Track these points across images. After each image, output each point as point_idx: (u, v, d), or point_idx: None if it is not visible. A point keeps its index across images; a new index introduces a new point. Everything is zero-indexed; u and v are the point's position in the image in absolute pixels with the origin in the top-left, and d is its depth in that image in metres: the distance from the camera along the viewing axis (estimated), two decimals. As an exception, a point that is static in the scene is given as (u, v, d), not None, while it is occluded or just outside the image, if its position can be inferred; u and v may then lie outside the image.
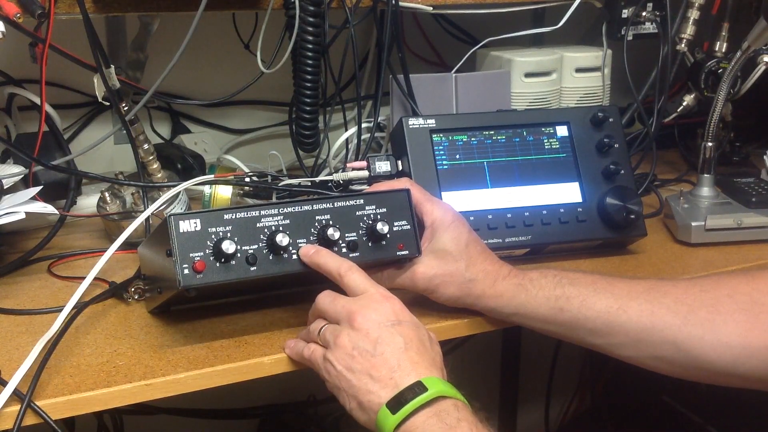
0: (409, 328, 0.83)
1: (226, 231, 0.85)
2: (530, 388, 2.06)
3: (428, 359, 0.82)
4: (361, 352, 0.81)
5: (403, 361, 0.80)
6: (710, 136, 1.27)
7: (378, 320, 0.82)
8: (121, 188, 1.20)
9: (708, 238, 1.21)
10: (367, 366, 0.80)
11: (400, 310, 0.84)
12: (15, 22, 0.98)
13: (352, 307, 0.84)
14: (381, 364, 0.80)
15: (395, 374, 0.80)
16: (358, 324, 0.82)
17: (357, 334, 0.82)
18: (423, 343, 0.83)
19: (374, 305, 0.84)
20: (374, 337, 0.81)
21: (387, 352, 0.81)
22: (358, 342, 0.82)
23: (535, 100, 1.41)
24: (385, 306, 0.84)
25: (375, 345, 0.81)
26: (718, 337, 0.86)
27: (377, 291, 0.85)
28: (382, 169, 1.14)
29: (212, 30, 1.45)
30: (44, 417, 0.79)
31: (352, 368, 0.81)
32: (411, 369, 0.80)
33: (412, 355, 0.81)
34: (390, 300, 0.85)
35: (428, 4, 1.33)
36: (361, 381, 0.81)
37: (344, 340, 0.82)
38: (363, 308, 0.83)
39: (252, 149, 1.63)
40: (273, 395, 1.72)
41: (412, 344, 0.82)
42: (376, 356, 0.80)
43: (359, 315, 0.83)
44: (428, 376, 0.80)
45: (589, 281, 0.92)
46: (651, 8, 1.44)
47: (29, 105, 1.31)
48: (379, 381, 0.80)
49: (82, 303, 0.96)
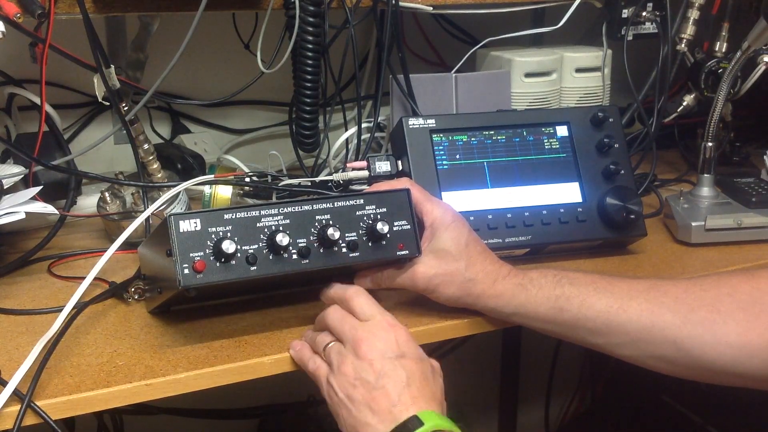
0: (413, 361, 0.84)
1: (226, 231, 0.85)
2: (530, 388, 2.06)
3: (429, 394, 0.83)
4: (363, 383, 0.82)
5: (404, 395, 0.81)
6: (710, 136, 1.27)
7: (382, 351, 0.83)
8: (121, 188, 1.20)
9: (708, 238, 1.21)
10: (368, 398, 0.81)
11: (404, 342, 0.85)
12: (15, 22, 0.98)
13: (358, 333, 0.84)
14: (381, 397, 0.81)
15: (395, 408, 0.80)
16: (363, 352, 0.83)
17: (361, 363, 0.83)
18: (425, 377, 0.84)
19: (381, 334, 0.84)
20: (377, 369, 0.82)
21: (389, 386, 0.81)
22: (361, 372, 0.82)
23: (535, 100, 1.40)
24: (390, 336, 0.84)
25: (378, 377, 0.82)
26: (718, 336, 0.85)
27: (384, 318, 0.86)
28: (382, 169, 1.14)
29: (212, 30, 1.45)
30: (44, 417, 0.79)
31: (352, 398, 0.82)
32: (411, 404, 0.80)
33: (413, 390, 0.81)
34: (396, 329, 0.85)
35: (428, 4, 1.33)
36: (361, 412, 0.81)
37: (348, 368, 0.83)
38: (370, 335, 0.84)
39: (252, 149, 1.63)
40: (273, 395, 1.72)
41: (414, 378, 0.82)
42: (378, 389, 0.81)
43: (365, 343, 0.83)
44: (426, 410, 0.80)
45: (589, 281, 0.92)
46: (651, 8, 1.44)
47: (29, 105, 1.31)
48: (377, 414, 0.80)
49: (82, 303, 0.96)
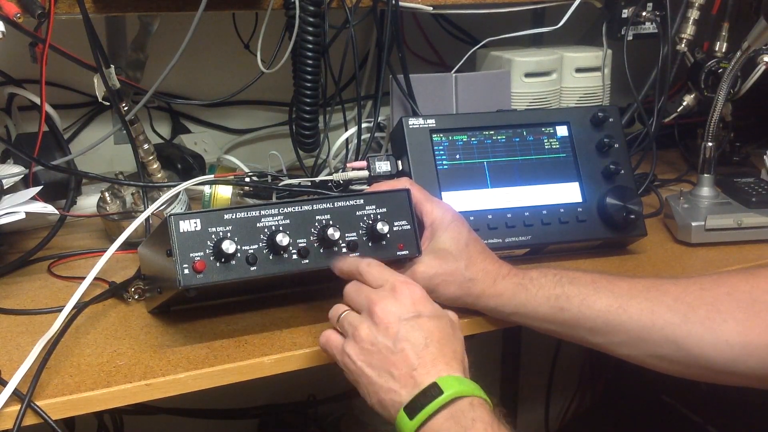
0: (430, 319, 0.82)
1: (226, 231, 0.85)
2: (530, 388, 2.06)
3: (449, 353, 0.81)
4: (381, 348, 0.80)
5: (424, 357, 0.79)
6: (710, 136, 1.27)
7: (398, 313, 0.81)
8: (121, 188, 1.20)
9: (708, 238, 1.21)
10: (388, 363, 0.80)
11: (420, 300, 0.83)
12: (15, 22, 0.98)
13: (372, 297, 0.83)
14: (401, 361, 0.79)
15: (415, 372, 0.79)
16: (378, 317, 0.81)
17: (377, 328, 0.81)
18: (444, 335, 0.82)
19: (395, 295, 0.83)
20: (394, 332, 0.80)
21: (407, 349, 0.80)
22: (378, 336, 0.81)
23: (535, 100, 1.40)
24: (405, 296, 0.83)
25: (395, 341, 0.80)
26: (718, 335, 0.86)
27: (396, 280, 0.84)
28: (382, 169, 1.14)
29: (212, 30, 1.45)
30: (44, 417, 0.79)
31: (372, 364, 0.81)
32: (431, 366, 0.79)
33: (432, 350, 0.80)
34: (410, 288, 0.84)
35: (428, 4, 1.33)
36: (382, 378, 0.80)
37: (363, 333, 0.81)
38: (383, 299, 0.82)
39: (252, 149, 1.63)
40: (273, 395, 1.72)
41: (432, 338, 0.81)
42: (397, 353, 0.80)
43: (379, 306, 0.82)
44: (447, 374, 0.79)
45: (589, 280, 0.92)
46: (651, 8, 1.44)
47: (29, 105, 1.31)
48: (399, 380, 0.79)
49: (82, 303, 0.96)
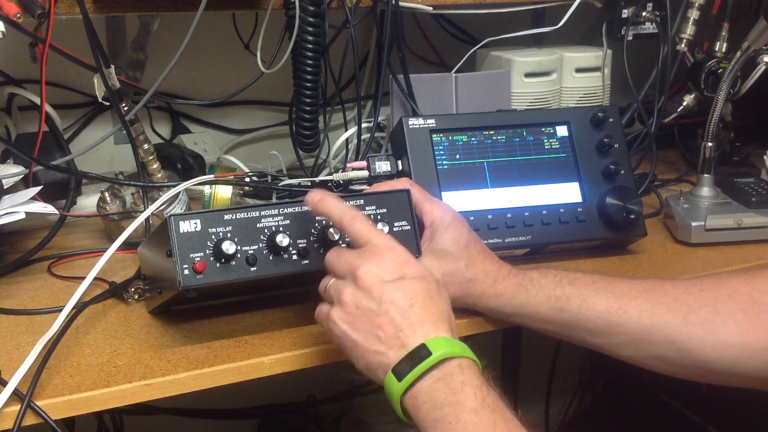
0: (415, 281, 0.80)
1: (226, 231, 0.85)
2: (530, 388, 2.06)
3: (435, 313, 0.79)
4: (365, 311, 0.79)
5: (409, 317, 0.78)
6: (710, 136, 1.27)
7: (381, 275, 0.80)
8: (121, 188, 1.20)
9: (708, 238, 1.21)
10: (373, 326, 0.78)
11: (404, 262, 0.81)
12: (15, 22, 0.98)
13: (354, 261, 0.81)
14: (386, 323, 0.78)
15: (401, 333, 0.77)
16: (361, 280, 0.80)
17: (360, 291, 0.79)
18: (430, 296, 0.80)
19: (377, 258, 0.81)
20: (378, 295, 0.79)
21: (392, 311, 0.78)
22: (362, 300, 0.79)
23: (535, 100, 1.40)
24: (388, 258, 0.81)
25: (379, 303, 0.78)
26: (719, 336, 0.85)
27: (381, 241, 0.82)
28: (382, 169, 1.14)
29: (212, 30, 1.45)
30: (44, 417, 0.79)
31: (357, 327, 0.79)
32: (418, 326, 0.77)
33: (417, 311, 0.78)
34: (393, 250, 0.82)
35: (428, 4, 1.33)
36: (368, 341, 0.79)
37: (347, 297, 0.80)
38: (366, 261, 0.81)
39: (252, 149, 1.63)
40: (273, 395, 1.72)
41: (417, 299, 0.79)
42: (381, 315, 0.78)
43: (361, 269, 0.80)
44: (435, 335, 0.77)
45: (590, 281, 0.92)
46: (651, 8, 1.44)
47: (29, 105, 1.31)
48: (385, 342, 0.78)
49: (82, 303, 0.96)
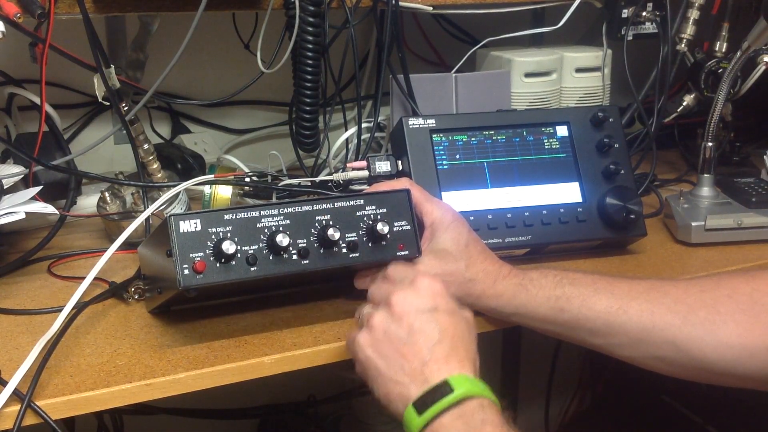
0: (447, 315, 0.80)
1: (226, 231, 0.85)
2: (530, 388, 2.06)
3: (462, 351, 0.79)
4: (393, 337, 0.78)
5: (436, 353, 0.77)
6: (710, 136, 1.27)
7: (415, 304, 0.79)
8: (121, 188, 1.20)
9: (708, 238, 1.21)
10: (399, 355, 0.78)
11: (439, 294, 0.81)
12: (15, 22, 0.98)
13: (390, 288, 0.82)
14: (413, 354, 0.77)
15: (426, 367, 0.77)
16: (394, 305, 0.79)
17: (391, 317, 0.79)
18: (459, 332, 0.80)
19: (413, 287, 0.81)
20: (409, 323, 0.78)
21: (420, 341, 0.78)
22: (391, 325, 0.79)
23: (535, 100, 1.40)
24: (423, 287, 0.81)
25: (409, 332, 0.78)
26: (718, 337, 0.85)
27: (417, 272, 0.83)
28: (382, 169, 1.14)
29: (212, 30, 1.45)
30: (44, 417, 0.79)
31: (382, 354, 0.79)
32: (443, 363, 0.77)
33: (445, 346, 0.78)
34: (430, 280, 0.82)
35: (428, 4, 1.33)
36: (391, 369, 0.78)
37: (377, 321, 0.79)
38: (401, 290, 0.81)
39: (252, 149, 1.63)
40: (273, 395, 1.72)
41: (446, 334, 0.79)
42: (409, 344, 0.78)
43: (396, 296, 0.80)
44: (458, 372, 0.77)
45: (590, 281, 0.92)
46: (651, 8, 1.44)
47: (29, 105, 1.31)
48: (409, 373, 0.77)
49: (82, 303, 0.96)
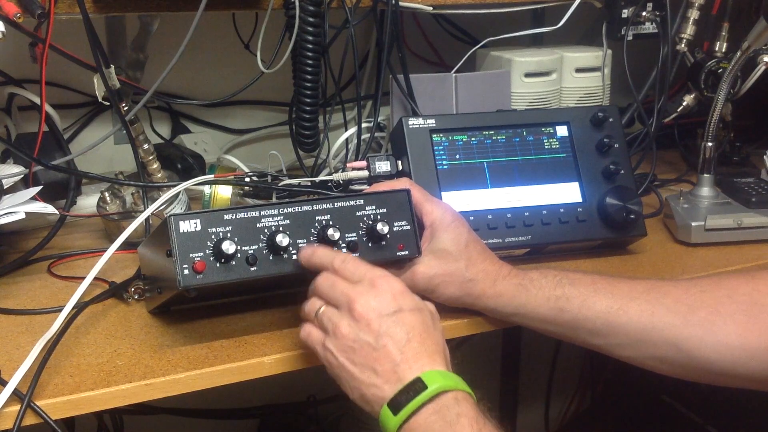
0: (411, 313, 0.81)
1: (226, 231, 0.85)
2: (530, 388, 2.06)
3: (431, 346, 0.80)
4: (363, 344, 0.80)
5: (406, 352, 0.79)
6: (710, 136, 1.27)
7: (378, 308, 0.80)
8: (121, 188, 1.20)
9: (708, 238, 1.21)
10: (370, 360, 0.79)
11: (400, 294, 0.82)
12: (15, 22, 0.98)
13: (351, 294, 0.82)
14: (384, 357, 0.79)
15: (398, 368, 0.78)
16: (358, 313, 0.80)
17: (358, 324, 0.80)
18: (426, 329, 0.81)
19: (374, 291, 0.82)
20: (375, 328, 0.80)
21: (389, 345, 0.79)
22: (360, 333, 0.80)
23: (535, 100, 1.40)
24: (384, 290, 0.82)
25: (377, 337, 0.79)
26: (718, 337, 0.86)
27: (374, 274, 0.83)
28: (382, 169, 1.14)
29: (212, 30, 1.45)
30: (44, 417, 0.79)
31: (354, 361, 0.80)
32: (414, 361, 0.79)
33: (414, 345, 0.80)
34: (389, 282, 0.83)
35: (428, 4, 1.33)
36: (364, 374, 0.80)
37: (345, 329, 0.81)
38: (362, 295, 0.81)
39: (252, 149, 1.63)
40: (273, 395, 1.72)
41: (414, 332, 0.80)
42: (379, 349, 0.79)
43: (358, 303, 0.81)
44: (431, 368, 0.78)
45: (590, 281, 0.92)
46: (651, 8, 1.44)
47: (29, 105, 1.31)
48: (382, 375, 0.79)
49: (82, 303, 0.96)
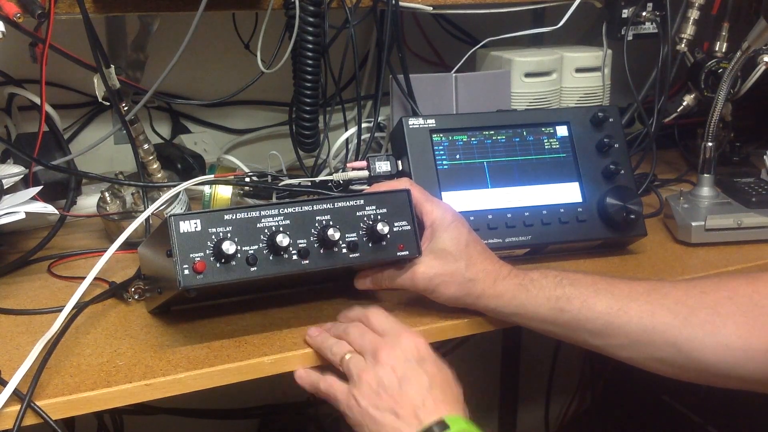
0: (433, 365, 0.85)
1: (226, 231, 0.85)
2: (530, 388, 2.06)
3: (452, 397, 0.84)
4: (386, 389, 0.83)
5: (428, 399, 0.82)
6: (710, 136, 1.27)
7: (403, 357, 0.84)
8: (121, 188, 1.20)
9: (708, 238, 1.21)
10: (392, 403, 0.82)
11: (423, 347, 0.86)
12: (15, 22, 0.98)
13: (378, 343, 0.86)
14: (406, 402, 0.82)
15: (420, 412, 0.81)
16: (383, 359, 0.84)
17: (382, 370, 0.84)
18: (447, 380, 0.85)
19: (399, 342, 0.86)
20: (399, 374, 0.83)
21: (412, 391, 0.82)
22: (384, 379, 0.83)
23: (535, 100, 1.40)
24: (409, 343, 0.86)
25: (400, 382, 0.83)
26: (718, 339, 0.85)
27: (402, 329, 0.88)
28: (382, 169, 1.14)
29: (212, 30, 1.45)
30: (44, 417, 0.79)
31: (377, 405, 0.83)
32: (434, 407, 0.81)
33: (436, 393, 0.83)
34: (415, 337, 0.87)
35: (428, 4, 1.33)
36: (386, 418, 0.82)
37: (369, 376, 0.84)
38: (388, 344, 0.86)
39: (252, 149, 1.63)
40: (273, 395, 1.72)
41: (435, 382, 0.83)
42: (401, 392, 0.82)
43: (384, 351, 0.85)
44: (451, 414, 0.81)
45: (590, 282, 0.92)
46: (651, 8, 1.44)
47: (29, 105, 1.31)
48: (403, 419, 0.81)
49: (82, 303, 0.96)
